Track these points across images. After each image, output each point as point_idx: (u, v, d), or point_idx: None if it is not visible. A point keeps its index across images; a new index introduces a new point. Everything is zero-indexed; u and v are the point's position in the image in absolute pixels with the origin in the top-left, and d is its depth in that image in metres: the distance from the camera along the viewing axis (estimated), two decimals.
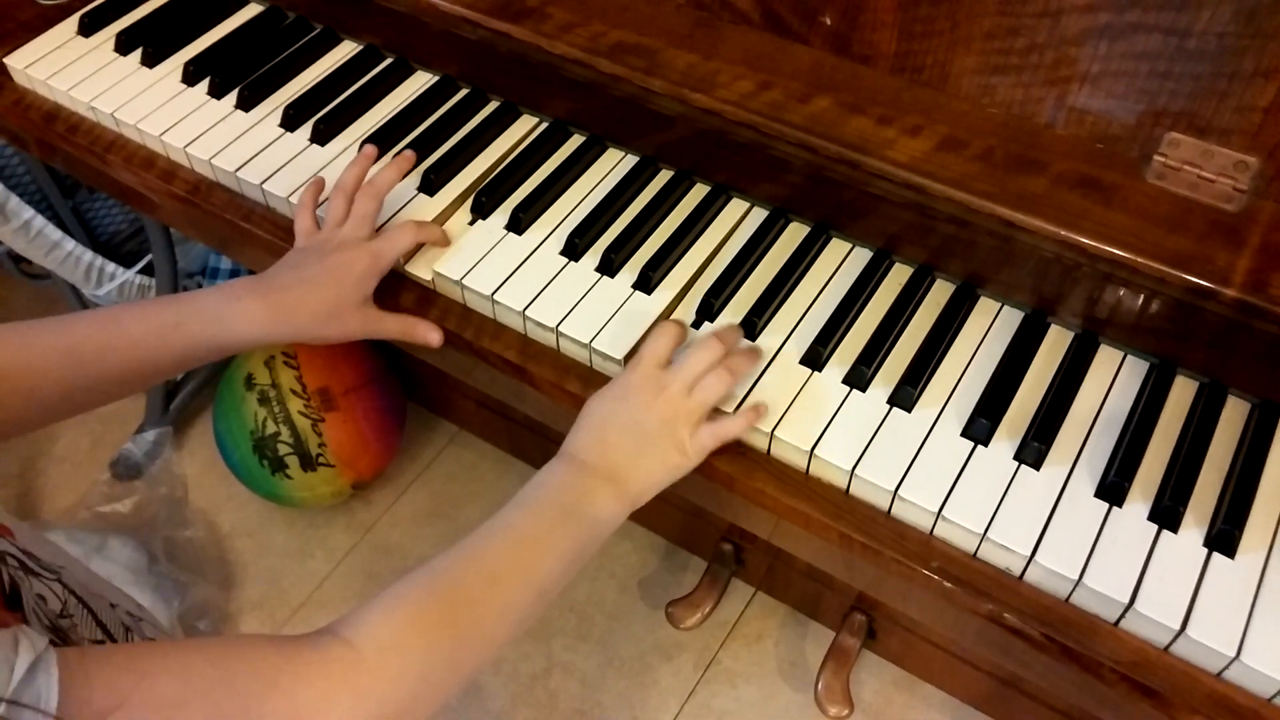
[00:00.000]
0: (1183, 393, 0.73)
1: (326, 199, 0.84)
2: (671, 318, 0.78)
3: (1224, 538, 0.64)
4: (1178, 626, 0.61)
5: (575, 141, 0.91)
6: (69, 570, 0.61)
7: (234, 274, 1.50)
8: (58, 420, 0.70)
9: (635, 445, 0.69)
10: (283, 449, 1.38)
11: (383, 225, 0.84)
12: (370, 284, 0.78)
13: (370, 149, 0.86)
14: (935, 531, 0.68)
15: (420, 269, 0.82)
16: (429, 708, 0.57)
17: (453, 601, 0.59)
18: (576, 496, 0.67)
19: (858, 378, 0.74)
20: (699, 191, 0.87)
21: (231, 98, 0.95)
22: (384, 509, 1.57)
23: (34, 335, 0.68)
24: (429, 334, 0.80)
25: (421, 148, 0.90)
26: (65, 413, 0.71)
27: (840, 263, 0.82)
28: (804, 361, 0.75)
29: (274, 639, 0.54)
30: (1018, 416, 0.72)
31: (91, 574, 0.64)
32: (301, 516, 1.56)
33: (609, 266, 0.81)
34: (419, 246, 0.83)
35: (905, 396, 0.72)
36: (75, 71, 0.97)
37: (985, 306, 0.78)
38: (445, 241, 0.83)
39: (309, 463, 1.39)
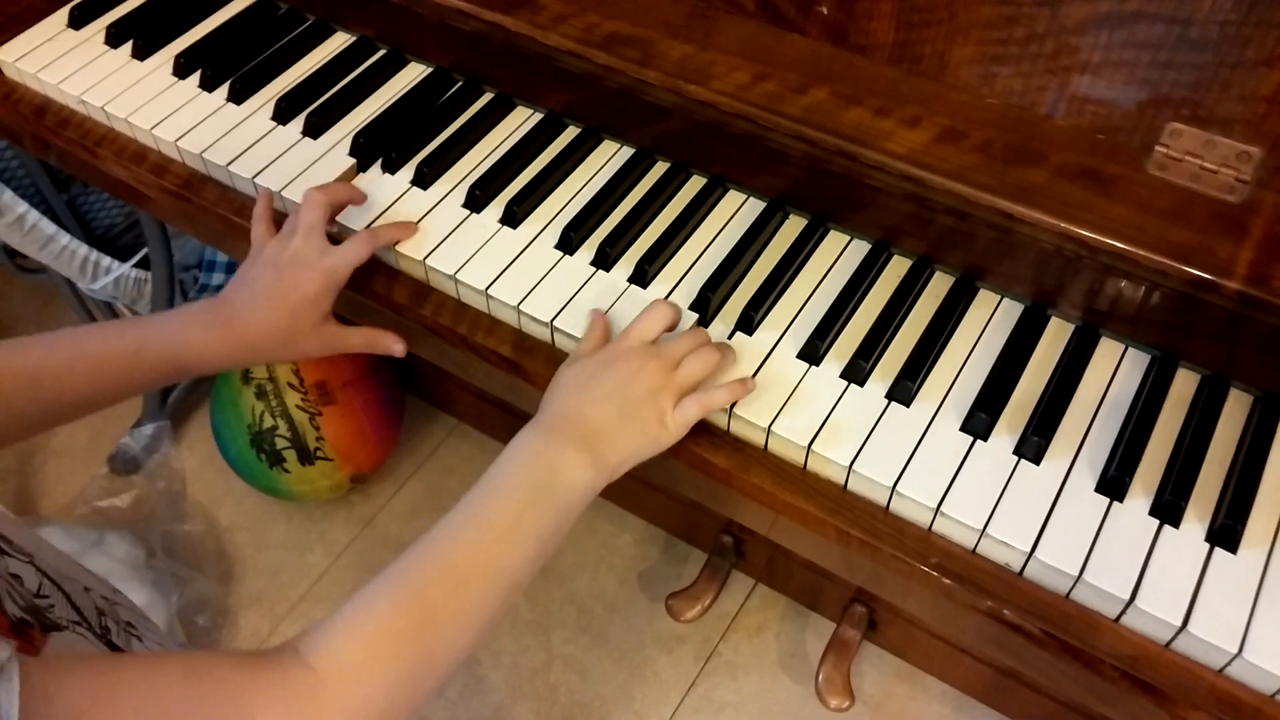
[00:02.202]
0: (1184, 386, 0.72)
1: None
2: None
3: (1226, 533, 0.64)
4: (1179, 623, 0.60)
5: (570, 134, 0.90)
6: (40, 554, 0.60)
7: (231, 267, 1.49)
8: (16, 442, 0.70)
9: (617, 413, 0.66)
10: (280, 443, 1.37)
11: (374, 221, 0.84)
12: (326, 303, 0.77)
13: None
14: (934, 527, 0.67)
15: (413, 264, 0.81)
16: None
17: (417, 614, 0.57)
18: (550, 472, 0.64)
19: (856, 372, 0.73)
20: (695, 184, 0.86)
21: (223, 90, 0.94)
22: (383, 502, 1.57)
23: None
24: (393, 345, 0.80)
25: (415, 140, 0.89)
26: (22, 435, 0.70)
27: (838, 255, 0.81)
28: (801, 355, 0.74)
29: (237, 658, 0.53)
30: (1017, 410, 0.71)
31: (61, 557, 0.63)
32: (300, 510, 1.56)
33: (604, 260, 0.80)
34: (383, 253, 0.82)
35: (904, 390, 0.71)
36: (65, 65, 0.96)
37: (985, 299, 0.78)
38: (408, 234, 0.82)
39: (307, 456, 1.38)
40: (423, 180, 0.86)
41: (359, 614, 0.56)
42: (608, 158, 0.88)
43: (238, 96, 0.93)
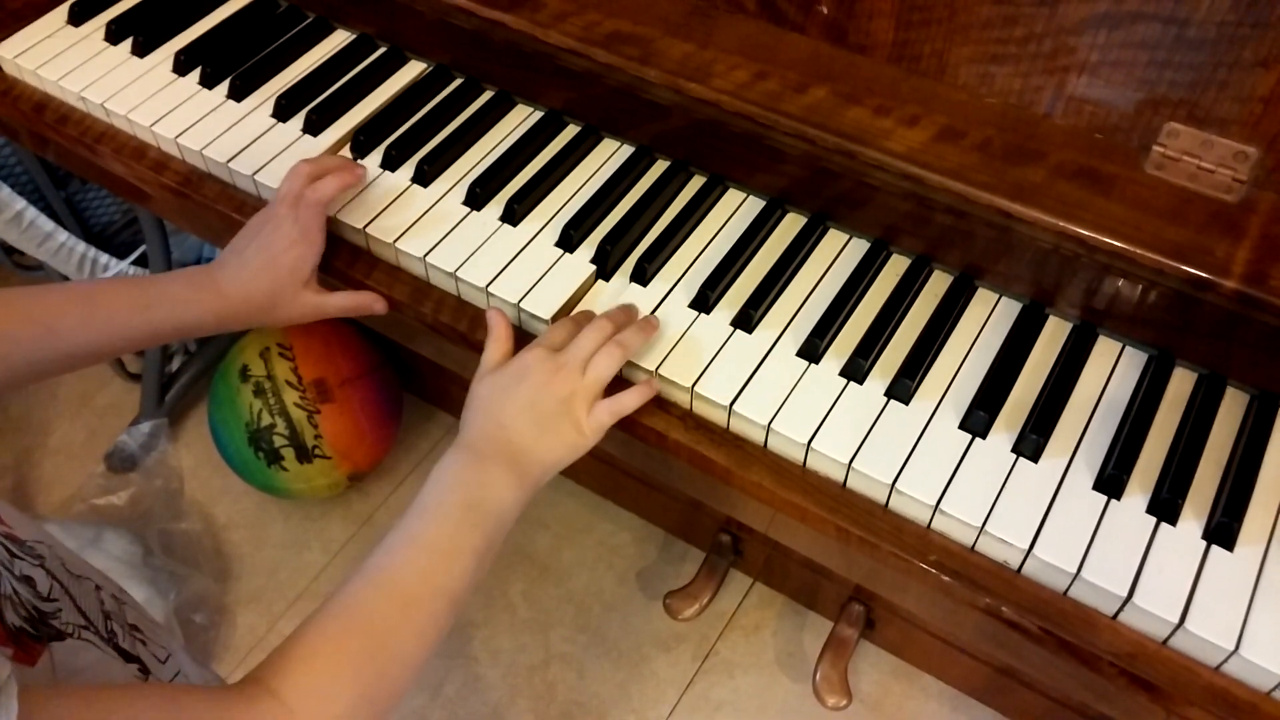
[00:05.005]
0: (1181, 384, 0.73)
1: None
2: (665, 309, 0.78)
3: (1223, 530, 0.64)
4: (1176, 620, 0.61)
5: (570, 132, 0.90)
6: (52, 553, 0.60)
7: None
8: (22, 388, 0.73)
9: (534, 426, 0.68)
10: (278, 441, 1.37)
11: (372, 220, 0.84)
12: (305, 267, 0.78)
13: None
14: (933, 525, 0.68)
15: (414, 261, 0.82)
16: None
17: (370, 635, 0.59)
18: (478, 491, 0.66)
19: (855, 370, 0.73)
20: (695, 182, 0.86)
21: (223, 88, 0.94)
22: (381, 500, 1.57)
23: (10, 304, 0.71)
24: (374, 304, 0.81)
25: (415, 138, 0.89)
26: (30, 381, 0.73)
27: (837, 254, 0.81)
28: (801, 354, 0.75)
29: (211, 691, 0.55)
30: (1016, 409, 0.71)
31: (72, 554, 0.63)
32: (298, 508, 1.56)
33: (604, 259, 0.80)
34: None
35: (903, 388, 0.72)
36: (65, 61, 0.96)
37: (983, 297, 0.78)
38: (355, 176, 0.83)
39: (305, 454, 1.38)
40: (423, 178, 0.86)
41: (314, 642, 0.58)
42: (608, 156, 0.88)
43: (238, 94, 0.93)
